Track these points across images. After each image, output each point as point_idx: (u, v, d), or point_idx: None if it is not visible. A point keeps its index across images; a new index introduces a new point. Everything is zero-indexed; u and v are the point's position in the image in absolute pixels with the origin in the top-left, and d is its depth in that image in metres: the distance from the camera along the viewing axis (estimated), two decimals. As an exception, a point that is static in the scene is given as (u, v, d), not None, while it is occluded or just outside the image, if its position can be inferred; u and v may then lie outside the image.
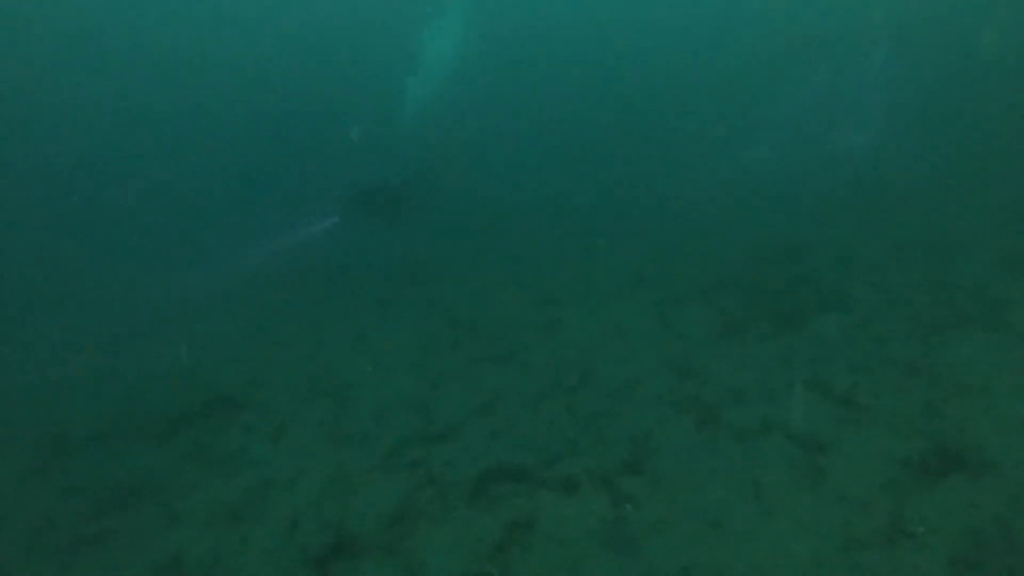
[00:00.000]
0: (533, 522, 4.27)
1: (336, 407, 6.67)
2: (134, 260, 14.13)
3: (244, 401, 7.10)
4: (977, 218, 8.10)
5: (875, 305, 6.30)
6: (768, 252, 8.68)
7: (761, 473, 4.19)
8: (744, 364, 5.76)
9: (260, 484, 5.43)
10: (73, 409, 7.77)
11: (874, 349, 5.45)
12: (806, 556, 3.51)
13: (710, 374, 5.74)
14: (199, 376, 8.13)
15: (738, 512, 3.91)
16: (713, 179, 14.16)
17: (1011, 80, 14.36)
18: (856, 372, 5.18)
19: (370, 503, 4.85)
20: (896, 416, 4.57)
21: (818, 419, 4.64)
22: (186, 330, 10.03)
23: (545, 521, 4.28)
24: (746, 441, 4.60)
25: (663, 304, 7.61)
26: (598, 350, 6.79)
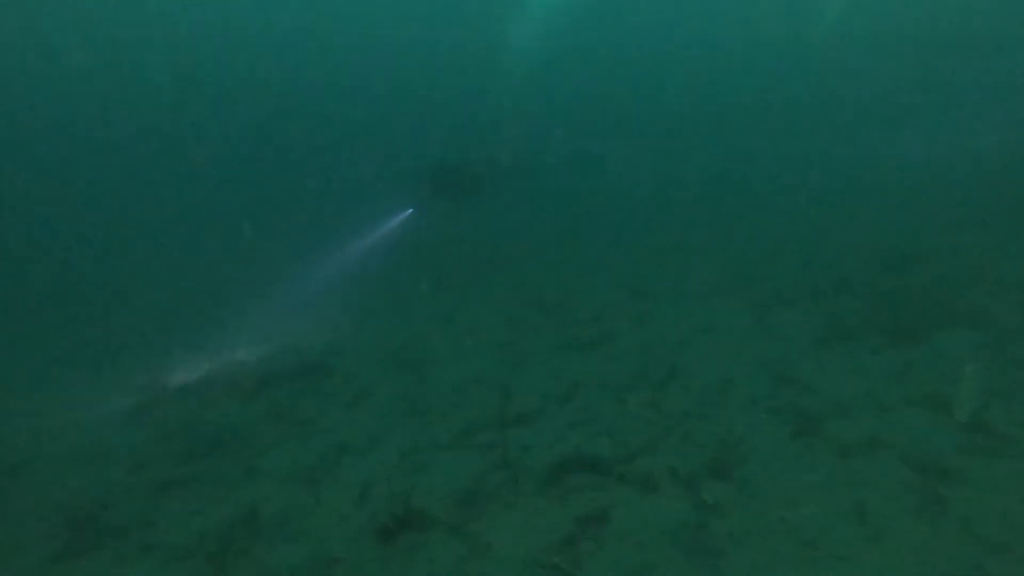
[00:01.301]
0: (607, 518, 4.04)
1: (416, 381, 6.63)
2: (233, 231, 14.74)
3: (327, 368, 7.19)
4: None
5: (1014, 324, 5.63)
6: (888, 257, 8.00)
7: (867, 494, 3.77)
8: (852, 375, 5.28)
9: (335, 449, 5.44)
10: (173, 361, 8.14)
11: (1012, 372, 4.86)
12: (915, 592, 3.11)
13: (811, 383, 5.30)
14: (287, 341, 8.33)
15: (837, 533, 3.53)
16: (829, 176, 13.35)
17: None
18: (989, 396, 4.61)
19: (441, 480, 4.74)
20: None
21: (941, 444, 4.15)
22: (279, 299, 10.36)
23: (620, 518, 4.03)
24: (850, 458, 4.17)
25: (763, 305, 7.16)
26: (689, 347, 6.44)
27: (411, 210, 11.72)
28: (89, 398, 7.38)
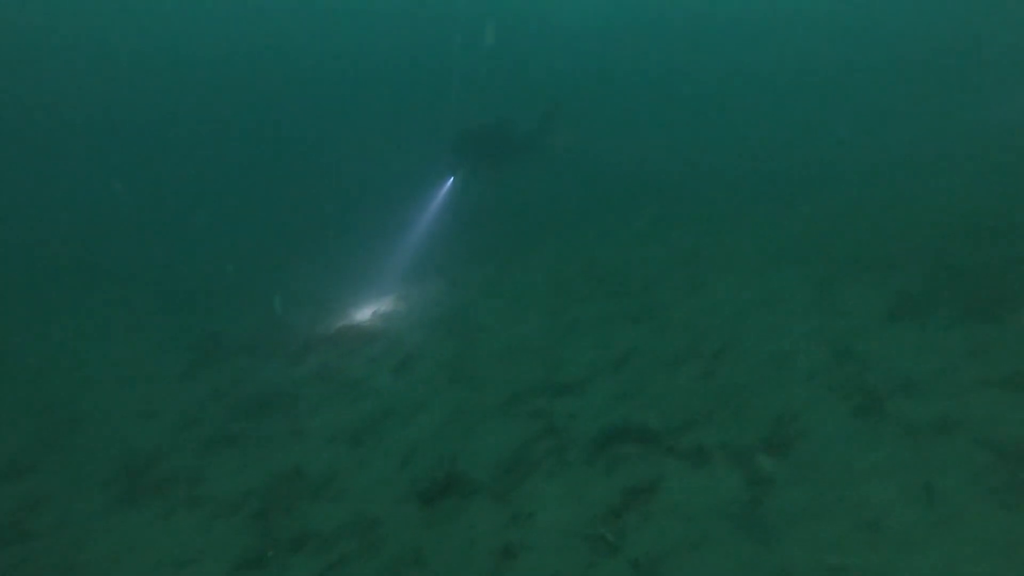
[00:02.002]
0: (655, 490, 3.91)
1: (463, 347, 6.57)
2: (278, 201, 14.93)
3: (374, 332, 7.19)
4: None
5: (1102, 301, 5.22)
6: (962, 228, 7.51)
7: (937, 477, 3.54)
8: (921, 352, 4.97)
9: (380, 413, 5.43)
10: (226, 321, 8.28)
11: (1098, 352, 4.50)
12: (988, 582, 2.90)
13: (876, 359, 5.01)
14: (334, 303, 8.38)
15: (903, 516, 3.32)
16: (895, 143, 12.67)
17: None
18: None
19: (485, 447, 4.68)
20: None
21: (1022, 427, 3.86)
22: (327, 263, 10.43)
23: (668, 491, 3.90)
24: (918, 438, 3.92)
25: (825, 278, 6.81)
26: (744, 319, 6.19)
27: (452, 177, 11.51)
28: (145, 356, 7.58)
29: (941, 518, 3.24)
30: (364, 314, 7.88)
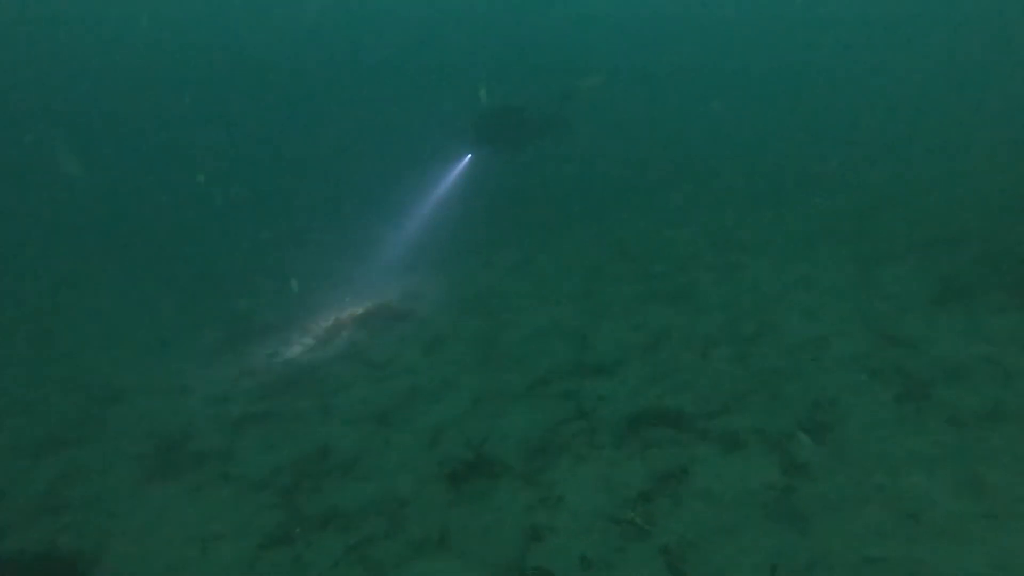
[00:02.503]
0: (687, 475, 3.81)
1: (493, 328, 6.51)
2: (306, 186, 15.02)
3: (403, 312, 7.18)
4: None
5: None
6: (1010, 209, 7.21)
7: (985, 469, 3.38)
8: (969, 337, 4.77)
9: (409, 392, 5.42)
10: (256, 302, 8.37)
11: None
12: (1038, 578, 2.76)
13: (921, 343, 4.83)
14: (367, 283, 8.40)
15: (947, 508, 3.18)
16: (940, 123, 12.20)
17: None
18: None
19: (514, 428, 4.63)
20: None
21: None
22: (354, 244, 10.47)
23: (700, 476, 3.80)
24: (965, 427, 3.76)
25: (866, 259, 6.61)
26: (782, 301, 6.02)
27: (469, 155, 11.29)
28: (180, 335, 7.69)
29: (987, 510, 3.09)
30: (394, 294, 7.88)
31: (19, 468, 5.16)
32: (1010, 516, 3.03)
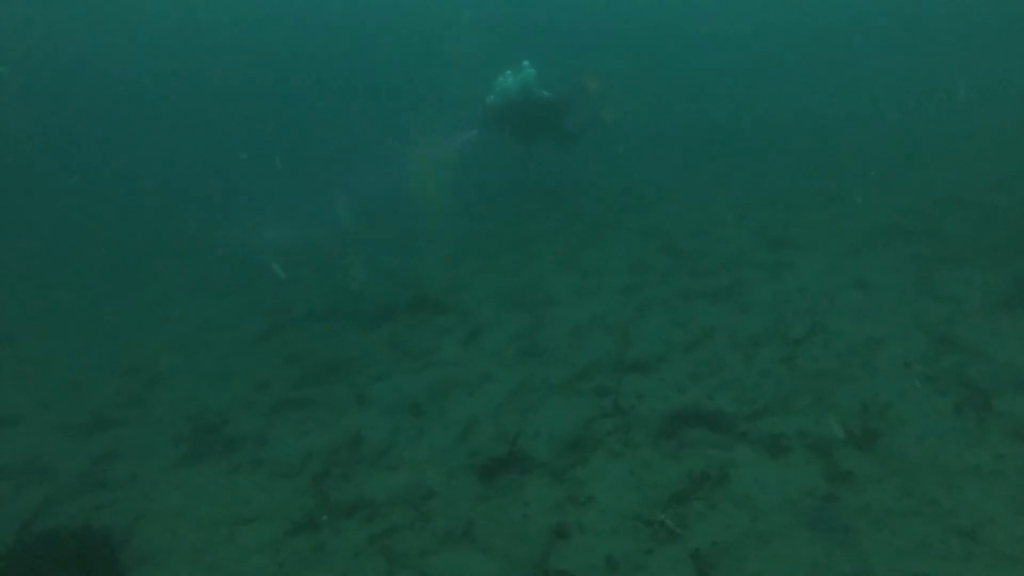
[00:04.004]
0: (724, 478, 3.67)
1: (534, 322, 6.43)
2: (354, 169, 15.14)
3: (446, 304, 7.16)
4: None
5: None
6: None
7: (1049, 485, 3.15)
8: (1037, 344, 4.47)
9: (445, 383, 5.38)
10: (302, 290, 8.48)
11: None
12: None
13: (982, 350, 4.55)
14: (408, 276, 8.41)
15: (1006, 526, 2.96)
16: (1011, 117, 11.54)
17: None
18: None
19: (548, 423, 4.54)
20: None
21: None
22: (401, 234, 10.51)
23: (739, 480, 3.65)
24: (1028, 439, 3.51)
25: (927, 260, 6.28)
26: (834, 302, 5.77)
27: (475, 131, 10.99)
28: (224, 322, 7.85)
29: (1051, 531, 2.87)
30: (437, 285, 7.87)
31: (65, 447, 5.32)
32: (1075, 538, 2.81)
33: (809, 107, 16.08)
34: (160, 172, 17.35)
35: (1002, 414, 3.78)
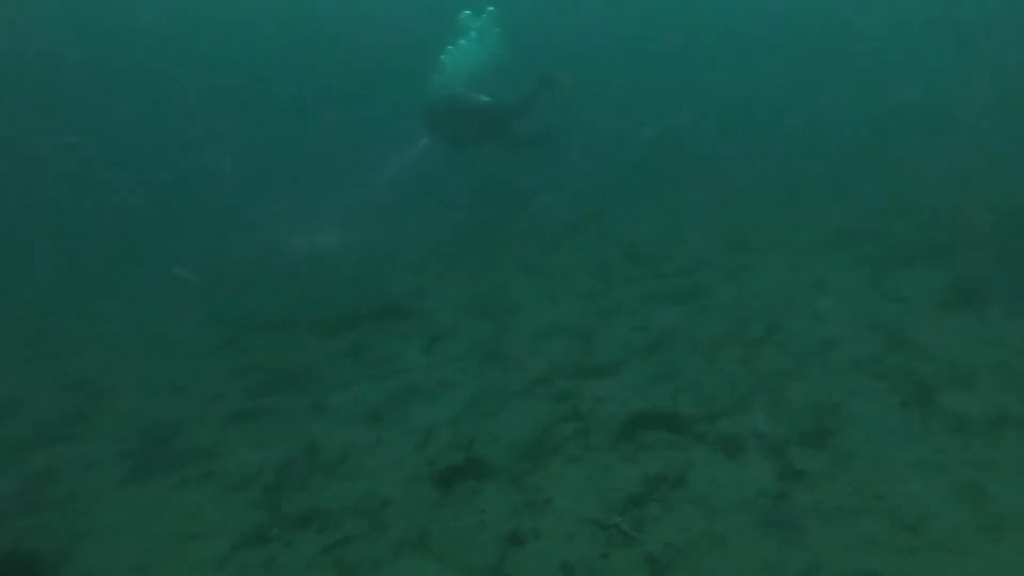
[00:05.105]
0: (681, 480, 3.69)
1: (496, 327, 6.43)
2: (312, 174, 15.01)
3: (408, 311, 7.12)
4: None
5: None
6: (1028, 213, 7.00)
7: (988, 479, 3.22)
8: (979, 342, 4.60)
9: (405, 391, 5.34)
10: (260, 299, 8.36)
11: None
12: (1041, 596, 2.60)
13: (930, 348, 4.66)
14: (371, 283, 8.35)
15: (946, 519, 3.03)
16: (955, 124, 11.90)
17: None
18: None
19: (507, 429, 4.53)
20: None
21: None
22: (365, 240, 10.44)
23: (695, 481, 3.68)
24: (970, 434, 3.60)
25: (878, 262, 6.42)
26: (791, 303, 5.86)
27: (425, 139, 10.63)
28: (180, 333, 7.69)
29: (988, 523, 2.93)
30: (399, 292, 7.83)
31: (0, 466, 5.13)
32: (1009, 529, 2.87)
33: (771, 114, 16.36)
34: (121, 178, 17.00)
35: (943, 409, 3.87)
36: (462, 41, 10.10)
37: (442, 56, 10.18)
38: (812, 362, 4.81)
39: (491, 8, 10.01)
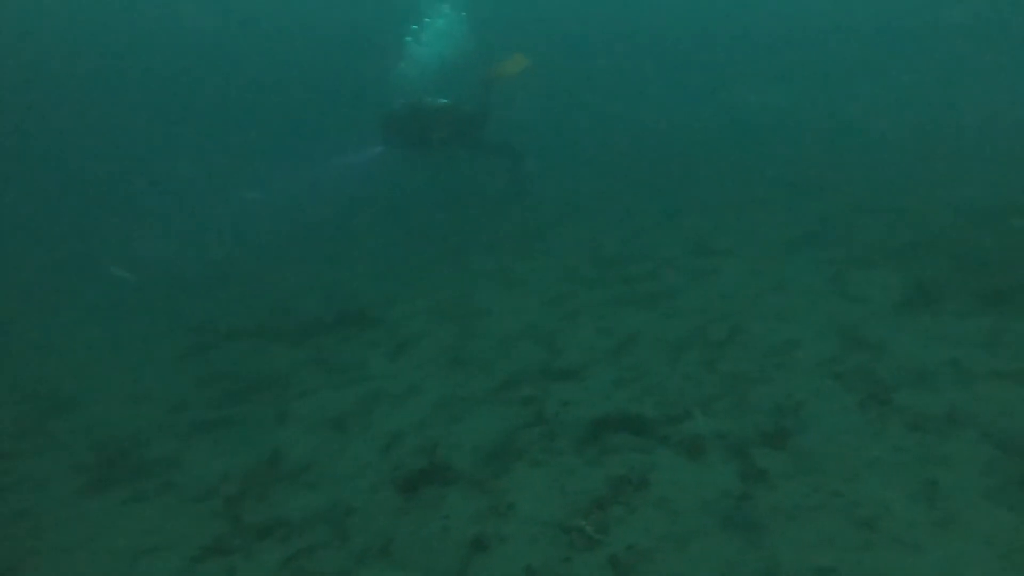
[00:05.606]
0: (644, 482, 3.70)
1: (463, 333, 6.41)
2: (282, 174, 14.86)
3: (374, 317, 7.07)
4: None
5: None
6: (982, 215, 7.20)
7: (941, 473, 3.29)
8: (934, 341, 4.70)
9: (370, 397, 5.29)
10: (224, 307, 8.23)
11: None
12: (990, 588, 2.66)
13: (887, 348, 4.76)
14: (338, 290, 8.28)
15: (901, 515, 3.08)
16: (914, 128, 12.22)
17: None
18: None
19: (472, 434, 4.51)
20: None
21: (1033, 420, 3.60)
22: (331, 246, 10.34)
23: (658, 483, 3.69)
24: (925, 431, 3.68)
25: (839, 264, 6.55)
26: (755, 306, 5.94)
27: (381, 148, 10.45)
28: (141, 342, 7.52)
29: (941, 517, 3.00)
30: (365, 299, 7.77)
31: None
32: (959, 522, 2.94)
33: (736, 119, 16.61)
34: (81, 183, 16.62)
35: (901, 408, 3.95)
36: (426, 19, 9.88)
37: (407, 38, 9.97)
38: (774, 363, 4.87)
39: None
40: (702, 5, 27.55)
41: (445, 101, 9.89)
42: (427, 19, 10.00)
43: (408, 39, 9.82)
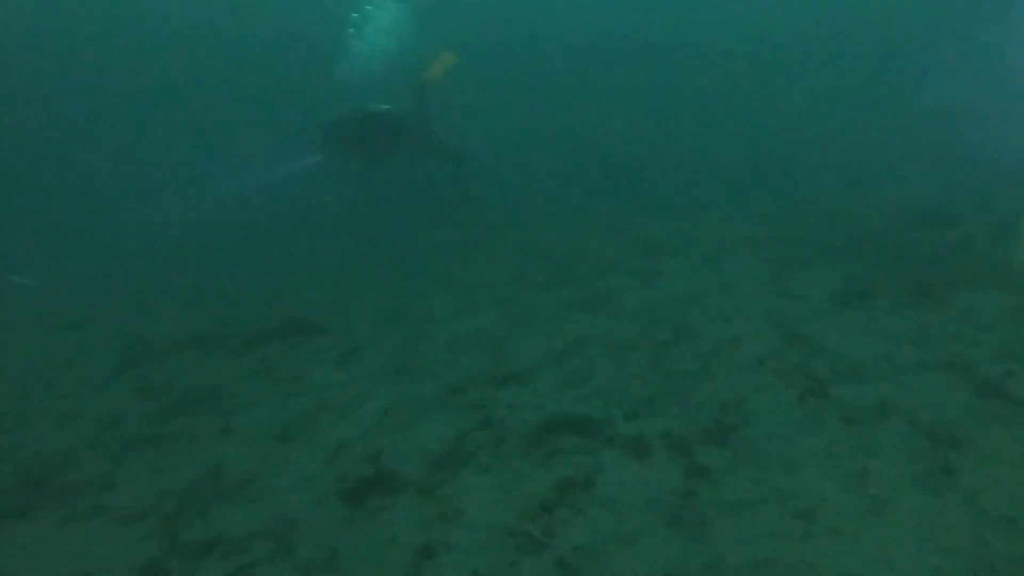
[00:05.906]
0: (590, 483, 3.73)
1: (410, 339, 6.35)
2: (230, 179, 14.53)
3: (320, 325, 6.94)
4: None
5: (1047, 283, 5.16)
6: (914, 215, 7.51)
7: (872, 463, 3.41)
8: (867, 337, 4.87)
9: (315, 408, 5.19)
10: (162, 318, 7.97)
11: (1040, 334, 4.41)
12: (917, 572, 2.76)
13: (823, 344, 4.90)
14: (283, 298, 8.11)
15: (836, 505, 3.18)
16: (855, 131, 12.68)
17: None
18: (1011, 360, 4.19)
19: (418, 440, 4.47)
20: (1062, 416, 3.61)
21: (955, 410, 3.76)
22: (276, 253, 10.14)
23: (604, 484, 3.72)
24: (857, 423, 3.80)
25: (779, 263, 6.73)
26: (698, 306, 6.05)
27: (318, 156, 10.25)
28: (70, 359, 7.18)
29: (871, 505, 3.10)
30: (310, 307, 7.63)
31: None
32: (890, 511, 3.05)
33: (680, 125, 16.94)
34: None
35: (835, 401, 4.07)
36: (368, 7, 9.61)
37: (350, 29, 9.68)
38: (718, 361, 4.97)
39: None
40: (651, 8, 27.97)
41: (388, 107, 9.74)
42: (368, 7, 9.66)
43: (351, 31, 9.53)
